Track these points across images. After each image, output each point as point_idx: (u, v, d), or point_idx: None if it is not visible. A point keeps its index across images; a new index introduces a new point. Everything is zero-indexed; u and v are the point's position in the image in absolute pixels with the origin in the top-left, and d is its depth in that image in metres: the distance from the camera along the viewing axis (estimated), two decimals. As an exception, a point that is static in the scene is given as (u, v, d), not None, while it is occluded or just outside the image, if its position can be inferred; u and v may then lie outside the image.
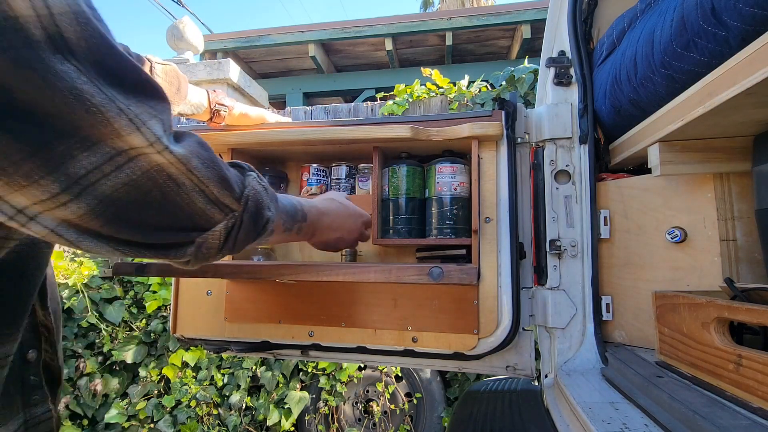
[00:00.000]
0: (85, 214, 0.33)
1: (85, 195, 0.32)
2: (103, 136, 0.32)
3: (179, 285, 1.06)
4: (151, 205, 0.37)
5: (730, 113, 0.62)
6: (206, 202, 0.41)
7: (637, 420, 0.59)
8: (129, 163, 0.34)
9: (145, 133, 0.34)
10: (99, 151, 0.32)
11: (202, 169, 0.40)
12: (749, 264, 0.77)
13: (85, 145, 0.31)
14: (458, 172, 0.94)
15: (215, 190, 0.42)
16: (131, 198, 0.35)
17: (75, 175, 0.31)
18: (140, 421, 2.42)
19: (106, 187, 0.33)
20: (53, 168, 0.30)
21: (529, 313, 0.94)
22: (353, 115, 3.08)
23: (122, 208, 0.35)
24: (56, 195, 0.31)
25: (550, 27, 1.06)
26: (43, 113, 0.28)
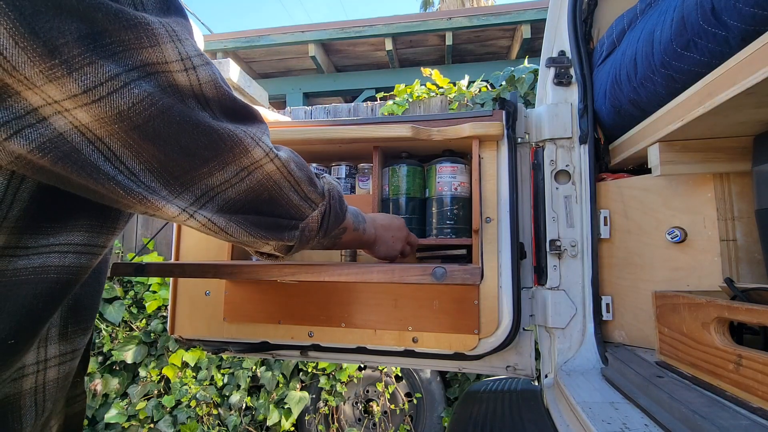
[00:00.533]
0: (222, 207, 0.46)
1: (218, 197, 0.45)
2: (235, 158, 0.44)
3: (177, 285, 1.06)
4: (263, 202, 0.50)
5: (730, 113, 0.62)
6: (299, 198, 0.53)
7: (637, 420, 0.59)
8: (249, 176, 0.47)
9: (262, 146, 0.47)
10: (229, 170, 0.44)
11: (296, 171, 0.52)
12: (749, 264, 0.77)
13: (221, 165, 0.44)
14: (459, 171, 0.94)
15: (305, 188, 0.54)
16: (249, 198, 0.48)
17: (212, 186, 0.44)
18: (140, 421, 2.42)
19: (233, 193, 0.46)
20: (199, 181, 0.43)
21: (530, 313, 0.94)
22: (353, 115, 3.08)
23: (245, 204, 0.48)
24: (201, 197, 0.44)
25: (550, 27, 1.06)
26: (196, 148, 0.41)
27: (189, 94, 0.39)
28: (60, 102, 0.32)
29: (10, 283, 0.39)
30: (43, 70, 0.30)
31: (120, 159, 0.37)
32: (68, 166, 0.34)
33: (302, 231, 0.55)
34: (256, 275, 0.77)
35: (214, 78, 0.41)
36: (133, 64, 0.34)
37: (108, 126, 0.34)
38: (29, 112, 0.32)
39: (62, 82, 0.31)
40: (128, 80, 0.34)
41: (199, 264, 0.82)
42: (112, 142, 0.36)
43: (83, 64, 0.32)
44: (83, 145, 0.34)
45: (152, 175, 0.39)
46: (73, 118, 0.33)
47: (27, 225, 0.39)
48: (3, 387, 0.42)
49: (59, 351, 0.48)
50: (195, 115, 0.39)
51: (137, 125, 0.35)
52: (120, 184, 0.37)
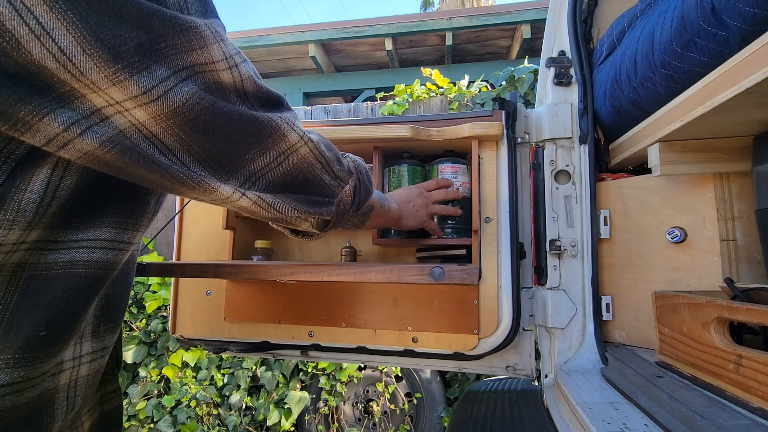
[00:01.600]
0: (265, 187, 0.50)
1: (261, 180, 0.49)
2: (274, 143, 0.48)
3: (179, 285, 1.06)
4: (299, 183, 0.54)
5: (730, 113, 0.62)
6: (330, 178, 0.58)
7: (637, 420, 0.59)
8: (286, 160, 0.50)
9: (297, 130, 0.51)
10: (269, 155, 0.48)
11: (326, 152, 0.56)
12: (749, 264, 0.77)
13: (262, 151, 0.47)
14: (460, 172, 0.94)
15: (334, 167, 0.58)
16: (287, 181, 0.52)
17: (255, 170, 0.48)
18: (140, 421, 2.42)
19: (272, 176, 0.50)
20: (243, 166, 0.47)
21: (529, 313, 0.94)
22: (353, 115, 3.08)
23: (284, 186, 0.52)
24: (247, 180, 0.48)
25: (550, 27, 1.06)
26: (240, 136, 0.44)
27: (232, 90, 0.43)
28: (121, 102, 0.35)
29: (43, 277, 0.41)
30: (108, 75, 0.33)
31: (173, 152, 0.40)
32: (129, 159, 0.37)
33: (338, 205, 0.59)
34: (255, 275, 0.77)
35: (251, 74, 0.45)
36: (183, 65, 0.38)
37: (163, 122, 0.38)
38: (93, 113, 0.35)
39: (124, 85, 0.34)
40: (179, 80, 0.37)
41: (199, 264, 0.82)
42: (166, 137, 0.39)
43: (142, 69, 0.35)
44: (140, 140, 0.38)
45: (201, 165, 0.43)
46: (131, 117, 0.36)
47: (59, 221, 0.41)
48: (44, 381, 0.43)
49: (92, 348, 0.50)
50: (237, 108, 0.43)
51: (189, 119, 0.39)
52: (175, 173, 0.41)
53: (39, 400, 0.43)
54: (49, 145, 0.34)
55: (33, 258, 0.40)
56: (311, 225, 0.59)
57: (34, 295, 0.40)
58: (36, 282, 0.40)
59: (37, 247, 0.40)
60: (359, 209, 0.64)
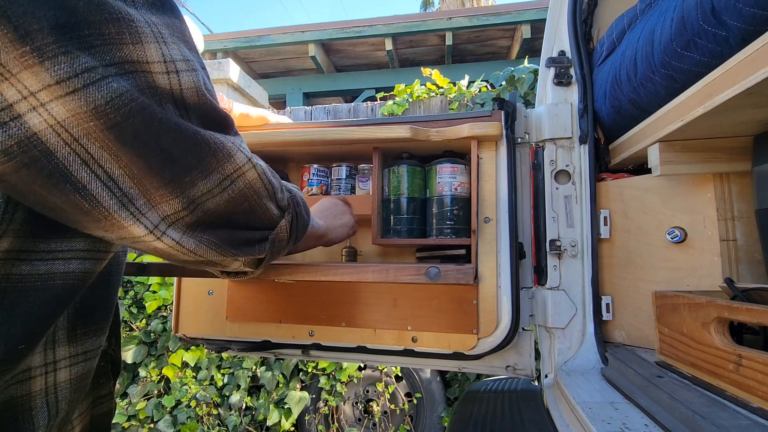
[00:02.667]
0: (194, 223, 0.43)
1: (197, 210, 0.43)
2: (219, 164, 0.43)
3: (181, 285, 1.06)
4: (242, 213, 0.48)
5: (730, 113, 0.62)
6: (275, 207, 0.53)
7: (637, 420, 0.59)
8: (231, 185, 0.45)
9: (244, 152, 0.46)
10: (212, 178, 0.43)
11: (272, 179, 0.51)
12: (749, 264, 0.77)
13: (204, 173, 0.42)
14: (459, 172, 0.94)
15: (278, 196, 0.53)
16: (228, 210, 0.46)
17: (194, 197, 0.42)
18: (140, 421, 2.42)
19: (213, 204, 0.44)
20: (180, 193, 0.40)
21: (529, 313, 0.94)
22: (353, 115, 3.08)
23: (222, 216, 0.46)
24: (179, 211, 0.41)
25: (550, 27, 1.06)
26: (178, 153, 0.39)
27: (168, 98, 0.38)
28: (35, 94, 0.31)
29: (18, 290, 0.39)
30: (17, 57, 0.29)
31: (98, 162, 0.34)
32: (36, 170, 0.32)
33: (272, 243, 0.54)
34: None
35: (197, 84, 0.40)
36: (111, 60, 0.33)
37: (85, 123, 0.32)
38: (3, 108, 0.30)
39: (35, 70, 0.30)
40: (105, 74, 0.32)
41: (199, 264, 0.82)
42: (90, 144, 0.33)
43: (57, 53, 0.30)
44: (59, 146, 0.32)
45: (131, 181, 0.36)
46: (48, 115, 0.31)
47: (31, 229, 0.39)
48: (7, 389, 0.42)
49: (69, 353, 0.48)
50: (174, 119, 0.38)
51: (115, 123, 0.33)
52: (92, 191, 0.35)
53: (7, 408, 0.42)
54: None
55: (5, 269, 0.38)
56: (242, 264, 0.53)
57: (10, 308, 0.38)
58: (12, 294, 0.38)
59: (9, 257, 0.38)
60: (296, 242, 0.58)
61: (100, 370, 0.55)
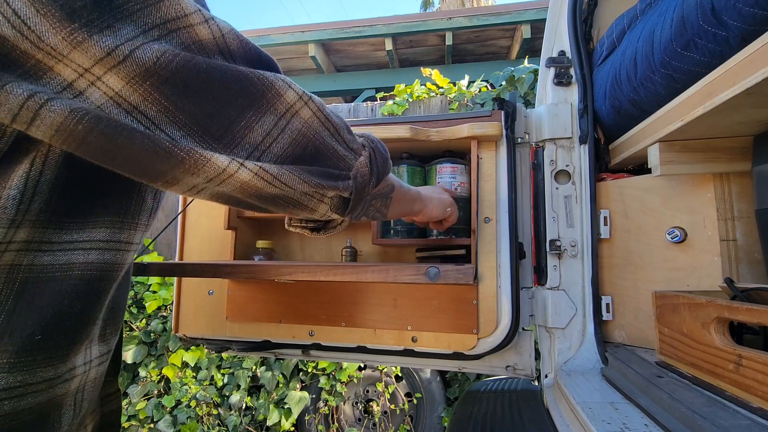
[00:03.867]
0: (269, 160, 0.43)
1: (264, 156, 0.42)
2: (269, 103, 0.41)
3: (181, 285, 1.06)
4: (310, 156, 0.46)
5: (730, 113, 0.62)
6: (344, 148, 0.50)
7: (637, 420, 0.59)
8: (288, 125, 0.43)
9: (295, 89, 0.44)
10: (267, 119, 0.42)
11: (332, 117, 0.49)
12: (749, 264, 0.77)
13: (258, 115, 0.41)
14: (459, 172, 0.94)
15: (345, 136, 0.50)
16: (296, 153, 0.45)
17: (256, 142, 0.41)
18: (140, 421, 2.42)
19: (278, 148, 0.43)
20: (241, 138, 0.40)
21: (529, 313, 0.94)
22: (353, 115, 3.08)
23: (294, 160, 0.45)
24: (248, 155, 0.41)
25: (550, 27, 1.06)
26: (229, 96, 0.39)
27: (214, 49, 0.38)
28: (90, 70, 0.32)
29: (38, 280, 0.40)
30: (65, 36, 0.30)
31: (158, 126, 0.36)
32: (106, 130, 0.34)
33: (355, 178, 0.51)
34: (254, 275, 0.77)
35: (233, 28, 0.40)
36: (153, 22, 0.34)
37: (139, 87, 0.34)
38: (65, 88, 0.32)
39: (85, 46, 0.31)
40: (149, 39, 0.34)
41: (199, 264, 0.83)
42: (148, 108, 0.35)
43: (103, 27, 0.32)
44: (121, 115, 0.34)
45: (192, 139, 0.38)
46: (106, 87, 0.33)
47: (49, 219, 0.40)
48: (53, 387, 0.42)
49: (99, 352, 0.49)
50: (220, 63, 0.38)
51: (166, 78, 0.35)
52: (159, 143, 0.36)
53: (46, 406, 0.42)
54: (16, 121, 0.31)
55: (27, 260, 0.39)
56: (329, 207, 0.51)
57: (30, 298, 0.39)
58: (32, 285, 0.39)
59: (30, 248, 0.39)
60: (378, 183, 0.56)
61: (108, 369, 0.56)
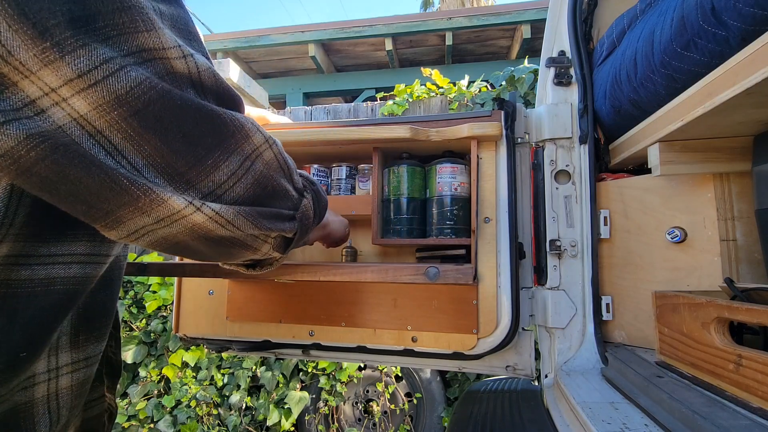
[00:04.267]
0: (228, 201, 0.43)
1: (226, 195, 0.43)
2: (238, 144, 0.42)
3: (181, 285, 1.06)
4: (268, 196, 0.48)
5: (730, 113, 0.62)
6: (292, 188, 0.53)
7: (637, 420, 0.59)
8: (252, 165, 0.44)
9: (262, 131, 0.46)
10: (234, 159, 0.42)
11: (288, 159, 0.52)
12: (749, 264, 0.77)
13: (225, 154, 0.41)
14: (459, 172, 0.94)
15: (294, 177, 0.53)
16: (256, 194, 0.46)
17: (220, 181, 0.42)
18: (140, 421, 2.42)
19: (241, 189, 0.44)
20: (206, 176, 0.40)
21: (529, 313, 0.94)
22: (353, 115, 3.08)
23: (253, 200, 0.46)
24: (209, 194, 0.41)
25: (550, 27, 1.06)
26: (199, 134, 0.39)
27: (187, 82, 0.38)
28: (57, 90, 0.31)
29: (18, 295, 0.38)
30: (37, 54, 0.30)
31: (122, 153, 0.35)
32: (64, 160, 0.32)
33: (300, 220, 0.54)
34: (254, 275, 0.77)
35: (210, 66, 0.41)
36: (129, 49, 0.33)
37: (107, 114, 0.33)
38: (27, 105, 0.31)
39: (56, 66, 0.30)
40: (124, 64, 0.33)
41: (198, 264, 0.83)
42: (113, 135, 0.34)
43: (76, 47, 0.31)
44: (83, 138, 0.33)
45: (156, 171, 0.37)
46: (71, 109, 0.32)
47: (30, 233, 0.39)
48: (12, 396, 0.42)
49: (71, 359, 0.48)
50: (195, 100, 0.38)
51: (137, 110, 0.34)
52: (120, 178, 0.34)
53: (12, 415, 0.42)
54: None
55: (5, 274, 0.38)
56: (271, 247, 0.52)
57: (11, 314, 0.38)
58: (11, 300, 0.38)
59: (9, 263, 0.38)
60: (319, 223, 0.59)
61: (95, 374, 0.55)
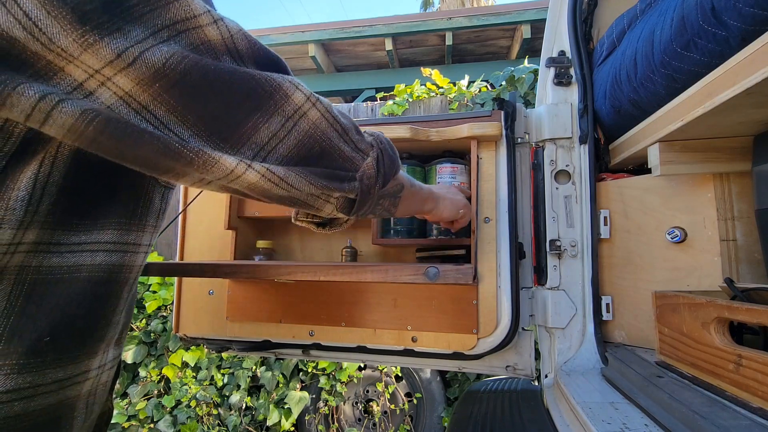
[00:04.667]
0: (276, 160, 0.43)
1: (270, 156, 0.43)
2: (277, 105, 0.42)
3: (181, 285, 1.06)
4: (316, 156, 0.46)
5: (730, 113, 0.62)
6: (351, 149, 0.50)
7: (637, 420, 0.59)
8: (295, 126, 0.43)
9: (302, 90, 0.44)
10: (274, 121, 0.42)
11: (341, 118, 0.49)
12: (749, 264, 0.77)
13: (265, 116, 0.41)
14: (459, 172, 0.94)
15: (353, 136, 0.51)
16: (301, 154, 0.45)
17: (262, 143, 0.42)
18: (140, 421, 2.42)
19: (284, 149, 0.43)
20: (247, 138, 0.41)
21: (529, 313, 0.94)
22: (353, 115, 3.08)
23: (299, 160, 0.45)
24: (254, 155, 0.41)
25: (550, 27, 1.06)
26: (237, 99, 0.39)
27: (222, 49, 0.39)
28: (100, 71, 0.33)
29: (47, 281, 0.40)
30: (76, 38, 0.31)
31: (167, 125, 0.36)
32: (116, 131, 0.34)
33: (361, 180, 0.51)
34: (253, 275, 0.77)
35: (241, 29, 0.41)
36: (162, 23, 0.35)
37: (149, 88, 0.34)
38: (75, 88, 0.33)
39: (96, 48, 0.32)
40: (159, 40, 0.34)
41: (198, 264, 0.83)
42: (156, 108, 0.35)
43: (113, 30, 0.32)
44: (131, 115, 0.35)
45: (200, 139, 0.38)
46: (116, 88, 0.34)
47: (58, 220, 0.40)
48: (63, 389, 0.42)
49: (113, 356, 0.50)
50: (228, 65, 0.39)
51: (175, 81, 0.35)
52: (168, 144, 0.36)
53: (58, 408, 0.42)
54: (29, 120, 0.32)
55: (36, 261, 0.39)
56: (335, 207, 0.52)
57: (39, 300, 0.39)
58: (40, 287, 0.39)
59: (39, 250, 0.39)
60: (385, 185, 0.56)
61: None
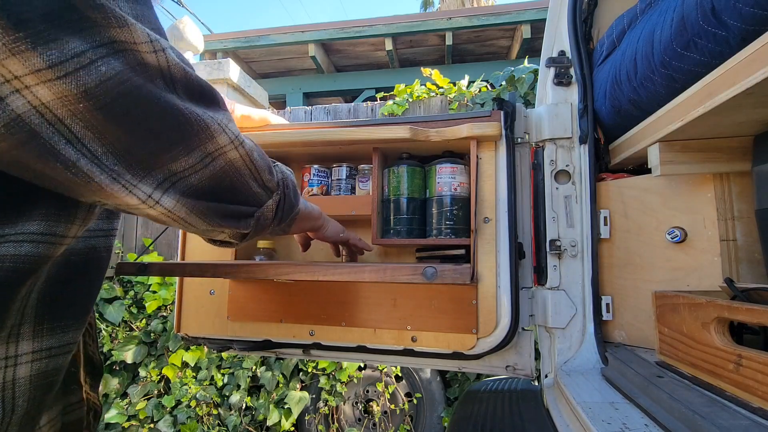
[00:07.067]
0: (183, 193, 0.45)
1: (180, 183, 0.44)
2: (200, 143, 0.44)
3: (183, 284, 1.06)
4: (225, 189, 0.50)
5: (730, 113, 0.62)
6: (259, 186, 0.54)
7: (637, 420, 0.59)
8: (212, 162, 0.46)
9: (228, 132, 0.47)
10: (194, 155, 0.44)
11: (258, 160, 0.53)
12: (749, 264, 0.77)
13: (186, 150, 0.43)
14: (458, 172, 0.94)
15: (265, 176, 0.55)
16: (211, 185, 0.48)
17: (176, 171, 0.43)
18: (140, 421, 2.42)
19: (196, 179, 0.45)
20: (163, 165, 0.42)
21: (529, 313, 0.94)
22: (353, 115, 3.08)
23: (207, 191, 0.48)
24: (164, 182, 0.43)
25: (550, 27, 1.06)
26: (162, 130, 0.40)
27: (157, 74, 0.39)
28: (21, 78, 0.31)
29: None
30: (7, 44, 0.30)
31: (81, 141, 0.35)
32: (25, 150, 0.33)
33: (257, 219, 0.56)
34: (253, 274, 0.77)
35: (181, 60, 0.41)
36: (101, 40, 0.34)
37: (71, 105, 0.33)
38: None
39: (26, 56, 0.31)
40: (96, 57, 0.33)
41: (198, 263, 0.83)
42: (74, 123, 0.34)
43: (49, 39, 0.31)
44: (42, 126, 0.33)
45: (115, 158, 0.38)
46: (32, 97, 0.32)
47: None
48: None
49: (32, 348, 0.47)
50: (163, 95, 0.39)
51: (104, 105, 0.34)
52: (81, 168, 0.36)
53: None
54: None
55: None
56: (228, 236, 0.56)
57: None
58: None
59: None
60: (281, 224, 0.61)
61: (70, 377, 0.54)
